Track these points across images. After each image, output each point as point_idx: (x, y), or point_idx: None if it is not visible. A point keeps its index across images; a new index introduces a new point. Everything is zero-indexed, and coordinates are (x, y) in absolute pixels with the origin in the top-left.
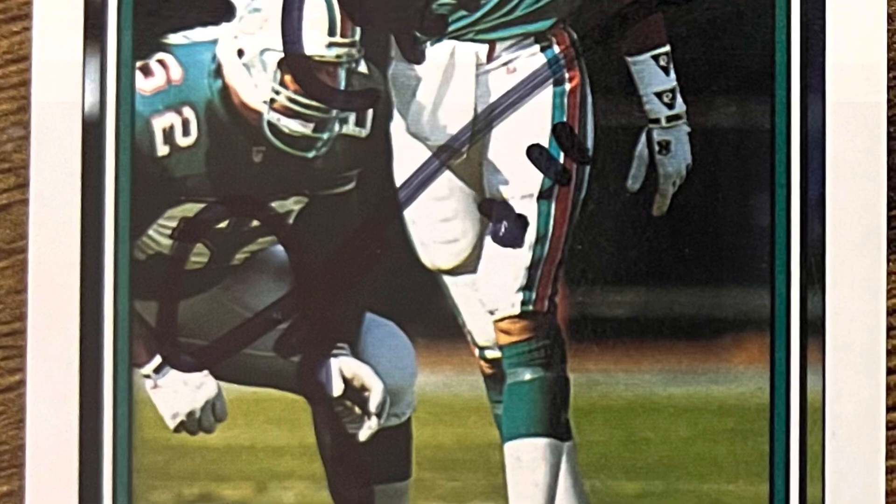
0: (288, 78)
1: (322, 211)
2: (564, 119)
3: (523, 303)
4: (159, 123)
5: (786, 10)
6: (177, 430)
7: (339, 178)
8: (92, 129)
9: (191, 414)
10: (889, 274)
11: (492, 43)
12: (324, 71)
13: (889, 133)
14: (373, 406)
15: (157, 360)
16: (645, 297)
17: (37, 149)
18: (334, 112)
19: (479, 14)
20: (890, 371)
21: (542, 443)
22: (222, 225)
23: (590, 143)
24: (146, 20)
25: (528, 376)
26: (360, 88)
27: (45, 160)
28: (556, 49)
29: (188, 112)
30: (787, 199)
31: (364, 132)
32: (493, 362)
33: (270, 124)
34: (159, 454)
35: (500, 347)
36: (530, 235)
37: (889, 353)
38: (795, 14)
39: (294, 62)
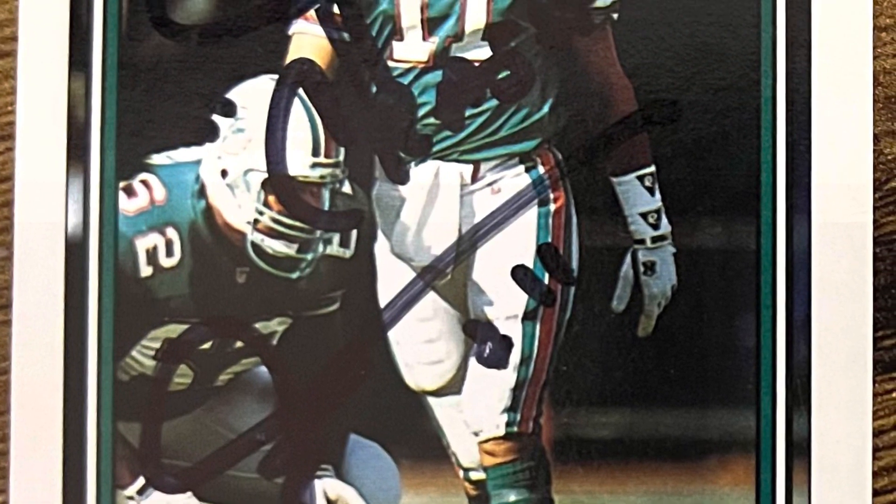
0: (272, 198)
1: (306, 332)
2: (549, 239)
3: (508, 424)
4: (143, 244)
5: (771, 131)
6: None
7: (323, 299)
8: (75, 250)
9: None
10: (875, 395)
11: (476, 163)
12: (308, 191)
13: (875, 254)
14: None
15: (141, 481)
16: (630, 419)
17: (19, 269)
18: (318, 233)
19: (463, 134)
20: (876, 493)
21: None
22: (206, 346)
23: (575, 264)
24: (129, 140)
25: (512, 498)
26: (344, 209)
27: (27, 281)
28: (541, 169)
29: (172, 233)
30: (772, 319)
31: (348, 253)
32: (478, 484)
33: (254, 245)
34: None
35: (485, 469)
36: (515, 356)
37: (875, 474)
38: (781, 135)
39: (278, 183)
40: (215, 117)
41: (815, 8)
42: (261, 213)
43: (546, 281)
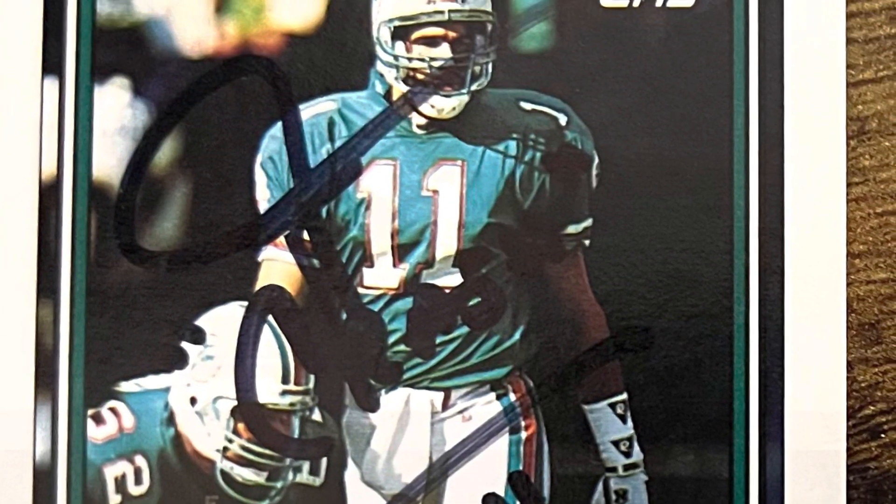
0: (241, 426)
1: None
2: (521, 467)
3: None
4: (111, 472)
5: (744, 358)
6: None
7: None
8: (43, 478)
9: None
10: None
11: (447, 391)
12: (277, 419)
13: (849, 482)
14: None
15: None
16: None
17: None
18: (288, 461)
19: (434, 362)
20: None
21: None
22: None
23: (546, 492)
24: (98, 368)
25: None
26: (314, 437)
27: None
28: (513, 397)
29: (140, 461)
30: None
31: (318, 481)
32: None
33: (223, 473)
34: None
35: None
36: None
37: None
38: (754, 362)
39: (247, 410)
40: (184, 344)
41: (788, 235)
42: (230, 441)
43: None
